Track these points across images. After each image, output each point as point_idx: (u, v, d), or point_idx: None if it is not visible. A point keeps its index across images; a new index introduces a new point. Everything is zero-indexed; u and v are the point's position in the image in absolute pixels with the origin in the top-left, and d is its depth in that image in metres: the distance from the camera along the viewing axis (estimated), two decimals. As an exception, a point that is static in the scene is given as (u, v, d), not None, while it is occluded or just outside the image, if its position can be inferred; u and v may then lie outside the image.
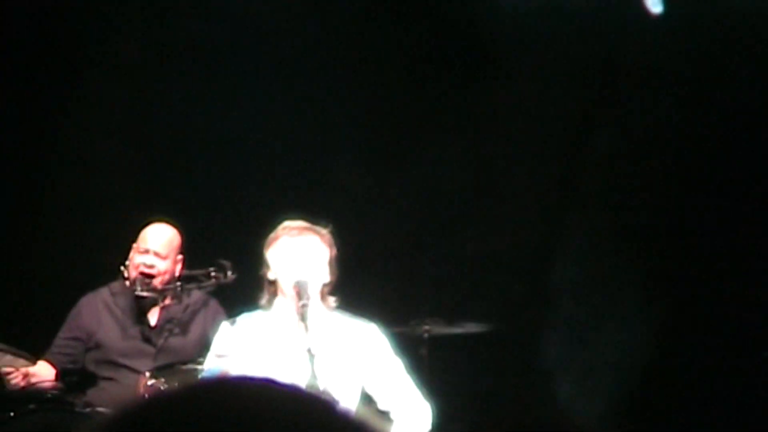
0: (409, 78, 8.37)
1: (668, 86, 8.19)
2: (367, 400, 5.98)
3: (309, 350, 5.77)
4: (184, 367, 6.58)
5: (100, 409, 6.68)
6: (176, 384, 6.06)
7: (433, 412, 5.85)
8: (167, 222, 7.10)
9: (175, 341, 7.06)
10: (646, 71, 8.24)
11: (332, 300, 6.11)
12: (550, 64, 8.34)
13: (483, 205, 8.25)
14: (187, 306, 7.17)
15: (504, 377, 7.97)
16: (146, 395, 5.25)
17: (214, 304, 7.10)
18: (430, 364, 7.04)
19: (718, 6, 8.12)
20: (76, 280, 7.50)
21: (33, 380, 6.96)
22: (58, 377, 7.07)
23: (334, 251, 6.08)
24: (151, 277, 6.98)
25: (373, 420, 1.18)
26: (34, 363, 7.02)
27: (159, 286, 6.98)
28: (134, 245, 6.98)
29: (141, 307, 7.03)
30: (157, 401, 1.22)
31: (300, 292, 5.93)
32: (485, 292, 7.95)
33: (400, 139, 8.38)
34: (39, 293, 7.83)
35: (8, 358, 6.82)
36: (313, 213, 6.46)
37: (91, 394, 6.99)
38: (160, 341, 7.03)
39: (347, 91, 8.25)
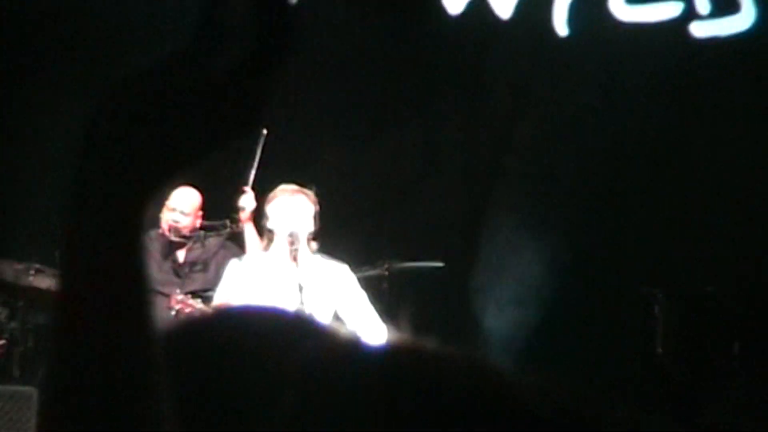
0: (377, 83, 8.27)
1: (573, 93, 8.24)
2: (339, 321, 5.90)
3: (299, 284, 5.86)
4: (204, 294, 6.63)
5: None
6: (200, 304, 5.96)
7: (387, 331, 5.77)
8: (191, 185, 7.07)
9: (197, 275, 7.06)
10: (557, 80, 8.31)
11: (314, 245, 6.12)
12: (481, 74, 8.34)
13: (432, 177, 8.29)
14: (207, 249, 7.14)
15: (447, 305, 7.86)
16: (176, 309, 5.74)
17: (231, 246, 7.02)
18: (389, 296, 6.95)
19: (613, 31, 8.25)
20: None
21: None
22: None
23: (318, 208, 6.11)
24: (177, 229, 7.02)
25: (342, 330, 1.16)
26: None
27: (186, 234, 7.03)
28: (166, 203, 6.98)
29: (172, 249, 7.08)
30: (184, 325, 1.20)
31: (293, 240, 5.96)
32: (433, 242, 7.98)
33: (371, 127, 8.30)
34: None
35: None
36: (305, 179, 6.44)
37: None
38: (186, 274, 7.08)
39: (332, 92, 8.18)
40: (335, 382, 0.95)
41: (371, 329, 5.71)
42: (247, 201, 6.63)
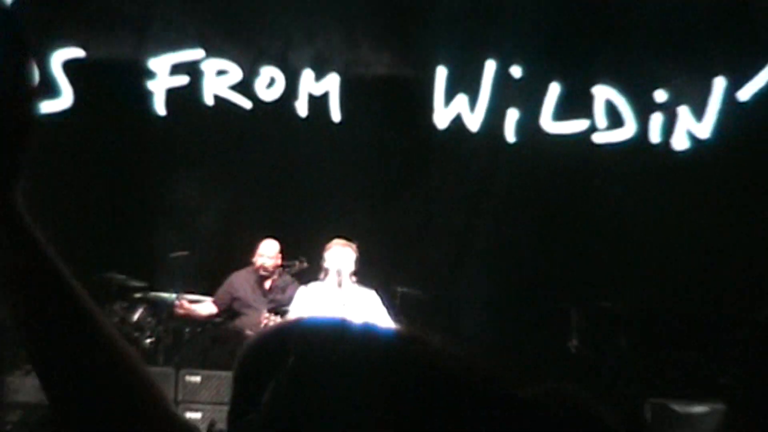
0: (390, 171, 8.85)
1: (517, 177, 8.91)
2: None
3: (344, 304, 6.38)
4: (282, 309, 7.25)
5: (241, 329, 7.51)
6: (279, 317, 7.27)
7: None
8: (273, 238, 7.92)
9: (278, 297, 7.76)
10: (507, 169, 8.98)
11: (354, 278, 6.61)
12: (458, 166, 8.99)
13: (432, 233, 8.90)
14: (284, 280, 7.86)
15: (437, 317, 8.14)
16: (265, 323, 7.13)
17: (296, 282, 7.49)
18: (403, 313, 7.36)
19: (543, 138, 8.99)
20: (230, 265, 8.09)
21: (204, 313, 7.82)
22: (220, 314, 7.89)
23: (358, 255, 6.68)
24: (265, 267, 7.87)
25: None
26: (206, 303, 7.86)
27: (271, 270, 7.87)
28: (257, 251, 7.91)
29: (261, 281, 7.93)
30: (272, 331, 1.24)
31: (340, 274, 6.52)
32: (432, 272, 8.64)
33: (386, 199, 8.85)
34: (216, 271, 8.09)
35: (195, 301, 7.73)
36: (344, 232, 6.90)
37: (237, 321, 7.81)
38: (270, 297, 7.82)
39: (361, 177, 8.75)
40: (331, 348, 1.00)
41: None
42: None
